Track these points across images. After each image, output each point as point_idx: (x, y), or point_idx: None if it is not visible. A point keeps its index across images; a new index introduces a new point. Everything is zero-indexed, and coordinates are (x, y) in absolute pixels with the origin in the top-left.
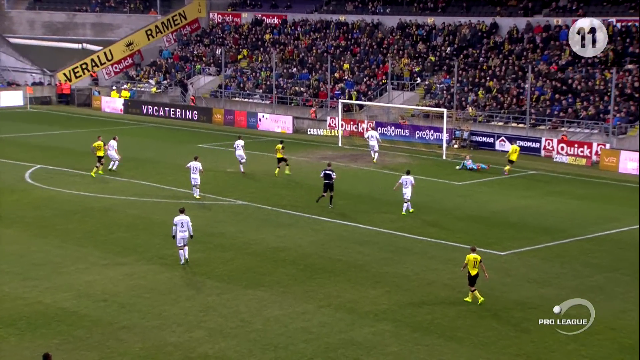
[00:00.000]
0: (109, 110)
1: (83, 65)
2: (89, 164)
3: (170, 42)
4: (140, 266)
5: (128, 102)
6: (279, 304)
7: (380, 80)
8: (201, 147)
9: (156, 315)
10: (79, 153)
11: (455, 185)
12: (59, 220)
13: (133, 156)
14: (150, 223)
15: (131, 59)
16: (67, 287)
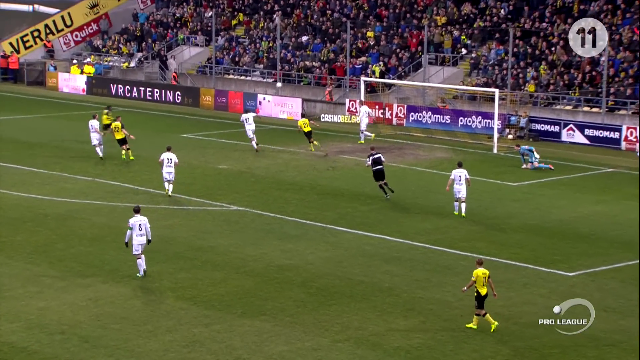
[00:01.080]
0: (67, 90)
1: (34, 32)
2: (42, 158)
3: (146, 3)
4: (108, 289)
5: (92, 79)
6: (284, 338)
7: (415, 53)
8: (185, 137)
9: (128, 351)
10: (30, 145)
11: (509, 187)
12: (4, 231)
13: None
14: (120, 234)
15: (96, 25)
16: (14, 316)
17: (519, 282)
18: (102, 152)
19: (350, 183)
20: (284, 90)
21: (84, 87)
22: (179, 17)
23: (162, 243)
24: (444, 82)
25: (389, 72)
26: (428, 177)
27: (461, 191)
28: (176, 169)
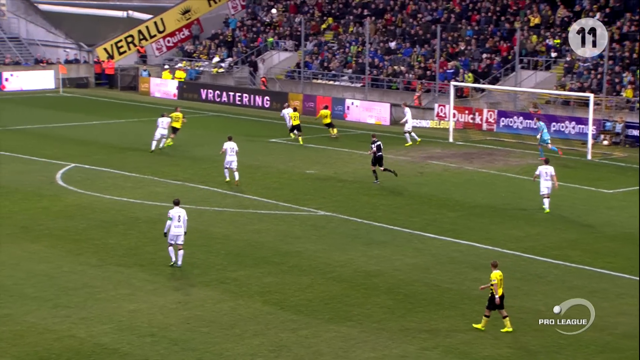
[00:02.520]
0: (159, 95)
1: (128, 38)
2: (134, 162)
3: (237, 8)
4: (197, 292)
5: (183, 84)
6: (370, 344)
7: (506, 57)
8: (274, 142)
9: (216, 355)
10: (122, 149)
11: (604, 194)
12: (97, 234)
13: (188, 154)
14: (209, 238)
15: (188, 30)
16: (107, 318)
17: (613, 292)
18: (155, 146)
19: (439, 189)
20: (372, 95)
21: (175, 92)
22: (268, 22)
23: (249, 247)
24: (536, 87)
25: (480, 76)
26: (518, 184)
27: (547, 187)
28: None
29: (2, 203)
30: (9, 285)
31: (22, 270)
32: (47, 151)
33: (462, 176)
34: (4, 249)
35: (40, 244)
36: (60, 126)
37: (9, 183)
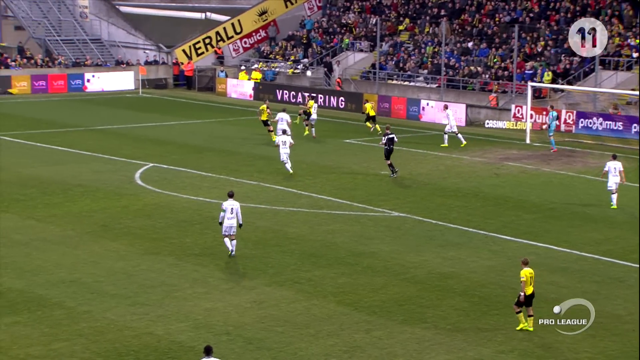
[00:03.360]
0: (235, 95)
1: (206, 39)
2: (210, 163)
3: (313, 9)
4: (272, 292)
5: (259, 85)
6: (445, 347)
7: (585, 57)
8: (348, 142)
9: (291, 354)
10: (199, 149)
11: None
12: (174, 233)
13: (263, 154)
14: (283, 238)
15: (264, 31)
16: (183, 316)
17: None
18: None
19: (515, 191)
20: (447, 96)
21: (251, 92)
22: (344, 23)
23: (323, 248)
24: (616, 88)
25: (559, 77)
26: (598, 186)
27: (615, 183)
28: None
29: (84, 202)
30: (89, 283)
31: (102, 268)
32: (127, 151)
33: (539, 178)
34: (84, 247)
35: (119, 242)
36: (139, 126)
37: (90, 182)
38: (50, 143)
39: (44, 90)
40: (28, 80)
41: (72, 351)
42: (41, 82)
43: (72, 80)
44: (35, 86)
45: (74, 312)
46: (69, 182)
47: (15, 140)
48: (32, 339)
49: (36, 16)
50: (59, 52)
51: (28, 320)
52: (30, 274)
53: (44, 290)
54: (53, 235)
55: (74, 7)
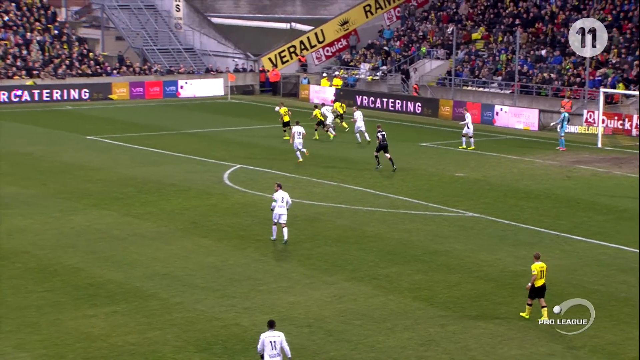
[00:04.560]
0: (317, 101)
1: (291, 48)
2: (293, 164)
3: (392, 19)
4: (351, 287)
5: (340, 91)
6: (517, 342)
7: None
8: (424, 145)
9: (368, 347)
10: (283, 151)
11: None
12: (260, 230)
13: (343, 156)
14: (362, 236)
15: (345, 40)
16: (268, 308)
17: None
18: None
19: (586, 193)
20: (521, 101)
21: (332, 98)
22: (421, 33)
23: (400, 246)
24: None
25: (630, 83)
26: None
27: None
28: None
29: (176, 200)
30: (181, 276)
31: (193, 262)
32: (216, 153)
33: (611, 181)
34: (177, 242)
35: (209, 238)
36: (227, 130)
37: (182, 182)
38: (146, 145)
39: (141, 96)
40: (127, 87)
41: (166, 339)
42: (139, 88)
43: (167, 87)
44: (133, 92)
45: (168, 303)
46: (163, 181)
47: (114, 143)
48: (129, 327)
49: (135, 27)
50: (155, 60)
51: (125, 310)
52: (128, 267)
53: (140, 283)
54: (148, 231)
55: (170, 19)
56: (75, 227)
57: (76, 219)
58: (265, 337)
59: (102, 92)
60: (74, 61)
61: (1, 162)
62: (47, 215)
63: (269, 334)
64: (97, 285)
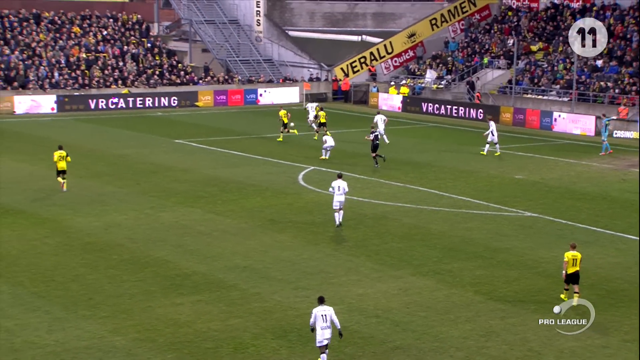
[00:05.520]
0: (386, 107)
1: (361, 59)
2: (362, 166)
3: (457, 32)
4: (416, 281)
5: (407, 99)
6: (574, 335)
7: None
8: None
9: (432, 337)
10: (354, 154)
11: None
12: (331, 227)
13: (410, 159)
14: (427, 234)
15: (412, 51)
16: (338, 300)
17: None
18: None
19: None
20: (578, 108)
21: (400, 105)
22: (484, 44)
23: (462, 243)
24: None
25: None
26: None
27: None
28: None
29: (255, 199)
30: (259, 269)
31: (270, 256)
32: (291, 156)
33: None
34: (256, 238)
35: (285, 234)
36: (301, 134)
37: (261, 182)
38: (228, 148)
39: (224, 103)
40: (211, 94)
41: (245, 327)
42: (222, 96)
43: (248, 95)
44: (217, 100)
45: (247, 293)
46: (243, 182)
47: (200, 146)
48: (212, 315)
49: (219, 40)
50: (237, 70)
51: (209, 299)
52: (211, 260)
53: (222, 274)
54: (230, 227)
55: (251, 33)
56: (165, 222)
57: (165, 216)
58: (317, 311)
59: (189, 99)
60: (165, 71)
61: (100, 163)
62: (139, 212)
63: (320, 309)
64: (184, 276)
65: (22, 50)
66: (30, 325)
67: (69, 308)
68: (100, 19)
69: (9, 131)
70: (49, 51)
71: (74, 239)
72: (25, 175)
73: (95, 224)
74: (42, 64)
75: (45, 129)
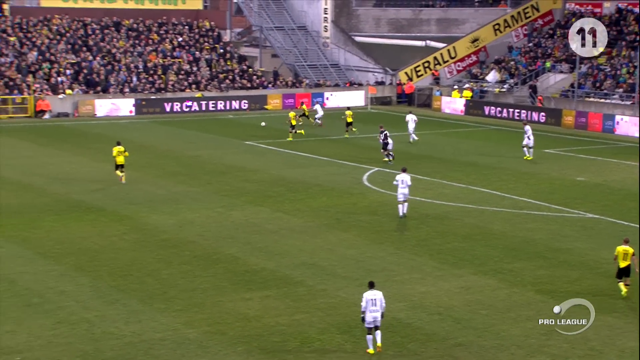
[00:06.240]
0: (448, 111)
1: (425, 63)
2: (425, 168)
3: (519, 37)
4: (477, 280)
5: (469, 102)
6: (635, 335)
7: None
8: (547, 152)
9: (494, 334)
10: (417, 156)
11: None
12: (394, 227)
13: (472, 161)
14: (488, 234)
15: (475, 56)
16: (401, 297)
17: None
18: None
19: None
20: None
21: (462, 108)
22: (547, 49)
23: (523, 243)
24: None
25: None
26: None
27: None
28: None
29: (321, 199)
30: (325, 266)
31: (335, 254)
32: (357, 157)
33: None
34: (321, 236)
35: (349, 233)
36: (366, 137)
37: (326, 183)
38: (295, 150)
39: (292, 106)
40: (280, 98)
41: (311, 322)
42: (290, 99)
43: (314, 98)
44: (285, 103)
45: (313, 289)
46: (309, 182)
47: (268, 148)
48: (280, 310)
49: (288, 46)
50: (305, 75)
51: (277, 295)
52: (279, 257)
53: (289, 271)
54: (296, 226)
55: (318, 38)
56: (235, 221)
57: (235, 214)
58: (367, 296)
59: (258, 102)
60: (236, 76)
61: (174, 163)
62: (211, 210)
63: (370, 293)
64: (253, 272)
65: (104, 56)
66: (109, 317)
67: (145, 301)
68: (175, 26)
69: (90, 133)
70: (127, 57)
71: (150, 236)
72: (105, 174)
73: (170, 221)
74: (121, 69)
75: (124, 130)
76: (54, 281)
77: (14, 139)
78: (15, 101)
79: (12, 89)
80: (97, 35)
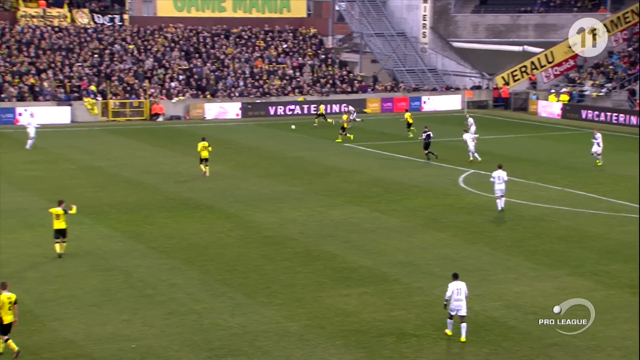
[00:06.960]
0: (545, 114)
1: (522, 68)
2: (520, 170)
3: (619, 41)
4: (573, 281)
5: (566, 106)
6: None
7: None
8: None
9: (590, 335)
10: (512, 159)
11: None
12: (489, 227)
13: (569, 163)
14: (584, 236)
15: (573, 60)
16: (496, 296)
17: None
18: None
19: None
20: None
21: (559, 112)
22: None
23: (620, 246)
24: None
25: None
26: None
27: None
28: None
29: (417, 199)
30: (421, 264)
31: (431, 253)
32: (453, 160)
33: None
34: (418, 235)
35: (445, 233)
36: (461, 140)
37: (423, 184)
38: (393, 152)
39: (390, 110)
40: (379, 102)
41: (407, 318)
42: (388, 103)
43: (412, 102)
44: (384, 107)
45: (409, 287)
46: (406, 183)
47: (367, 150)
48: (377, 306)
49: (387, 52)
50: (403, 79)
51: (374, 292)
52: (376, 255)
53: (386, 269)
54: (393, 225)
55: (417, 44)
56: (334, 219)
57: (334, 213)
58: (452, 286)
59: (358, 106)
60: (337, 81)
61: (277, 164)
62: (311, 209)
63: (455, 283)
64: (351, 269)
65: (213, 62)
66: (216, 309)
67: (250, 295)
68: (281, 33)
69: (199, 135)
70: (235, 63)
71: (254, 233)
72: (212, 174)
73: (273, 219)
74: (229, 75)
75: (231, 132)
76: (166, 274)
77: (131, 140)
78: (132, 105)
79: (131, 94)
80: (207, 42)
